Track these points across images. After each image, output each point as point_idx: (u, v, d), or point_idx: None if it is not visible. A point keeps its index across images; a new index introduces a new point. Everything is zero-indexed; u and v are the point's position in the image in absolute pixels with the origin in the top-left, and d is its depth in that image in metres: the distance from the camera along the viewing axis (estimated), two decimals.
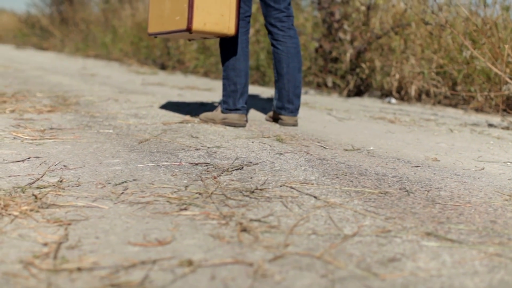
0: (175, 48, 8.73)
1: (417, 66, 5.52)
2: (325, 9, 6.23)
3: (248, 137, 3.24)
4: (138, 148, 2.87)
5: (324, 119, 4.15)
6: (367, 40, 5.83)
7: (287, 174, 2.41)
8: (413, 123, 4.10)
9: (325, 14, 6.26)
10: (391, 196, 2.13)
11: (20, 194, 2.03)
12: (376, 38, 5.79)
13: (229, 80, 3.56)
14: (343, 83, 6.08)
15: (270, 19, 3.65)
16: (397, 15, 6.08)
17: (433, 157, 2.90)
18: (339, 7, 6.15)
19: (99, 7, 12.66)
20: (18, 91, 5.07)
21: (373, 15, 6.09)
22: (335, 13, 6.13)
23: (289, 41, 3.64)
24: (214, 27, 3.29)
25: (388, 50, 5.87)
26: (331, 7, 6.15)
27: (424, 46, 5.64)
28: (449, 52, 5.38)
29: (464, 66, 4.97)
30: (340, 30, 6.07)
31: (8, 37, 17.29)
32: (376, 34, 5.80)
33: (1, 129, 3.26)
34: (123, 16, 10.83)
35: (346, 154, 2.89)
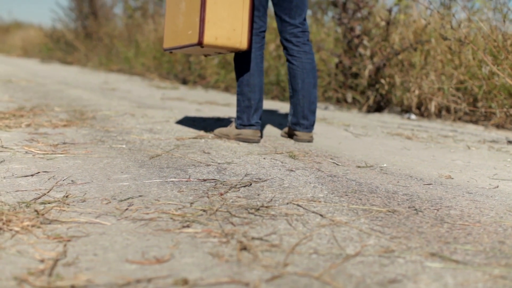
0: (197, 63, 8.74)
1: (437, 82, 5.46)
2: (345, 25, 6.20)
3: (261, 153, 3.22)
4: (148, 163, 2.85)
5: (341, 135, 4.12)
6: (386, 56, 5.79)
7: (295, 191, 2.38)
8: (430, 139, 4.05)
9: (345, 30, 6.23)
10: (399, 214, 2.09)
11: (24, 209, 2.02)
12: (395, 54, 5.75)
13: (243, 96, 3.55)
14: (363, 99, 6.04)
15: (285, 35, 3.64)
16: (418, 30, 6.04)
17: (447, 175, 2.85)
18: (359, 22, 6.12)
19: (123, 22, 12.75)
20: (37, 105, 5.10)
21: (393, 30, 6.05)
22: (355, 28, 6.10)
23: (304, 57, 3.63)
24: (226, 41, 3.27)
25: (409, 66, 5.82)
26: (351, 22, 6.12)
27: (444, 62, 5.59)
28: (470, 68, 5.33)
29: (484, 82, 4.91)
30: (360, 45, 6.04)
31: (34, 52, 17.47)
32: (395, 50, 5.76)
33: (15, 143, 3.27)
34: (146, 31, 10.89)
35: (358, 171, 2.86)
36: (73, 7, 14.71)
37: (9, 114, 4.38)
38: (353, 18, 6.14)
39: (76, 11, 14.64)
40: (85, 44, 13.67)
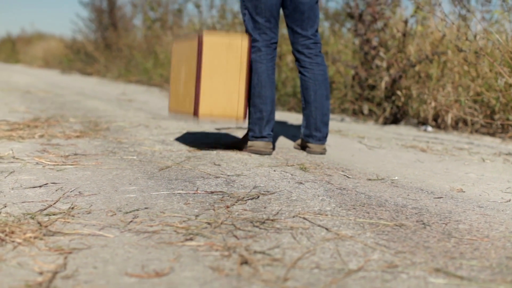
0: None
1: (453, 94, 5.42)
2: (361, 36, 6.18)
3: (271, 165, 3.20)
4: (157, 175, 2.85)
5: (354, 147, 4.09)
6: (402, 68, 5.76)
7: (303, 204, 2.36)
8: (445, 152, 4.01)
9: (362, 41, 6.21)
10: (406, 228, 2.06)
11: (28, 221, 2.02)
12: (411, 66, 5.71)
13: (255, 108, 3.54)
14: (379, 111, 6.00)
15: (297, 46, 3.65)
16: (435, 41, 6.00)
17: (459, 188, 2.82)
18: (376, 34, 6.10)
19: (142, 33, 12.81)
20: (53, 116, 5.12)
21: (409, 42, 6.01)
22: (371, 40, 6.07)
23: (316, 68, 3.62)
24: (222, 112, 3.34)
25: (425, 77, 5.78)
26: (367, 34, 6.10)
27: (461, 74, 5.54)
28: (487, 79, 5.28)
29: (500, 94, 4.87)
30: (376, 57, 6.01)
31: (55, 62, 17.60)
32: (411, 61, 5.72)
33: (27, 154, 3.28)
34: (165, 42, 10.93)
35: (369, 184, 2.83)
36: (93, 18, 14.82)
37: (24, 124, 4.40)
38: (369, 29, 6.12)
39: (96, 22, 14.75)
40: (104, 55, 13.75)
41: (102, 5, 14.63)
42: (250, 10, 3.53)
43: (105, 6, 14.58)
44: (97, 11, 14.68)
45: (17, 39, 26.15)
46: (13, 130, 4.10)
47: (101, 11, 14.62)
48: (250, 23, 3.56)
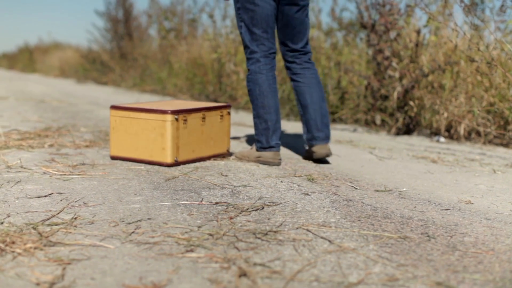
0: (228, 84, 8.76)
1: (466, 105, 5.38)
2: (374, 46, 6.16)
3: (279, 176, 3.18)
4: (163, 185, 2.84)
5: (365, 158, 4.06)
6: (415, 78, 5.72)
7: (307, 216, 2.34)
8: (456, 163, 3.97)
9: (375, 51, 6.18)
10: (410, 241, 2.04)
11: (30, 231, 2.02)
12: (423, 76, 5.68)
13: (260, 118, 3.54)
14: (392, 121, 5.97)
15: (288, 58, 3.71)
16: (448, 51, 5.96)
17: (467, 200, 2.79)
18: (389, 44, 6.07)
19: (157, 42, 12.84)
20: (64, 125, 5.13)
21: (422, 52, 5.98)
22: (384, 50, 6.05)
23: (307, 72, 3.66)
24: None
25: (438, 88, 5.75)
26: (380, 44, 6.07)
27: (474, 84, 5.50)
28: (500, 90, 5.24)
29: None
30: (389, 67, 5.98)
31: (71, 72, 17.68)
32: (423, 71, 5.69)
33: (35, 163, 3.29)
34: (179, 52, 10.95)
35: (376, 195, 2.81)
36: (108, 28, 14.87)
37: (35, 134, 4.41)
38: (382, 39, 6.09)
39: (111, 32, 14.80)
40: (120, 65, 13.80)
41: (118, 15, 14.68)
42: (247, 22, 3.54)
43: (121, 16, 14.63)
44: (112, 20, 14.74)
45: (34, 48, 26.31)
46: (24, 140, 4.11)
47: (117, 21, 14.68)
48: (247, 35, 3.57)
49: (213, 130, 3.64)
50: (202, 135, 3.56)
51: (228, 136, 3.76)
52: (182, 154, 3.40)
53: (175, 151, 3.36)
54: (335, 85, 6.80)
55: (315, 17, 8.54)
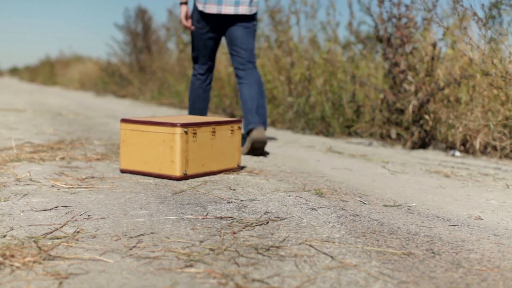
0: None
1: (482, 118, 5.33)
2: (390, 60, 6.13)
3: (287, 190, 3.16)
4: (170, 199, 2.83)
5: (377, 172, 4.03)
6: (430, 91, 5.69)
7: (311, 231, 2.32)
8: (469, 177, 3.92)
9: (390, 65, 6.15)
10: (414, 257, 2.01)
11: (31, 244, 2.02)
12: (439, 90, 5.64)
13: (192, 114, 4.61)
14: (407, 135, 5.93)
15: (237, 65, 4.50)
16: (464, 65, 5.92)
17: (477, 215, 2.75)
18: (405, 57, 6.04)
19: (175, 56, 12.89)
20: (78, 138, 5.15)
21: (438, 65, 5.94)
22: (400, 63, 6.01)
23: (250, 75, 4.43)
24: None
25: (454, 101, 5.70)
26: (396, 57, 6.05)
27: (490, 98, 5.45)
28: None
29: None
30: (405, 81, 5.95)
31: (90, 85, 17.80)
32: (438, 85, 5.65)
33: (44, 176, 3.30)
34: None
35: (384, 210, 2.78)
36: (128, 41, 14.96)
37: (47, 147, 4.43)
38: (397, 53, 6.06)
39: (130, 45, 14.89)
40: (138, 78, 13.87)
41: (137, 28, 14.78)
42: (194, 45, 4.57)
43: (140, 29, 14.72)
44: (132, 34, 14.84)
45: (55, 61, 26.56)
46: (36, 152, 4.13)
47: (136, 34, 14.77)
48: (193, 53, 4.62)
49: (223, 144, 3.63)
50: (212, 149, 3.55)
51: (238, 151, 3.75)
52: (191, 167, 3.39)
53: (184, 164, 3.35)
54: (350, 98, 6.77)
55: (331, 30, 8.53)
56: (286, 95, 7.65)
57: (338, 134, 6.64)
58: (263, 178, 3.52)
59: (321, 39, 8.82)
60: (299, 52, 8.03)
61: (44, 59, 29.10)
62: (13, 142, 4.66)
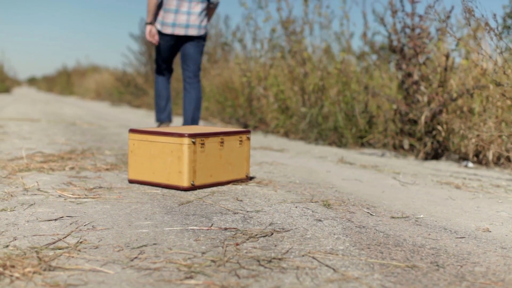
0: (257, 108, 8.76)
1: (495, 129, 5.28)
2: (403, 70, 6.10)
3: (295, 201, 3.15)
4: (176, 210, 2.82)
5: (387, 183, 4.00)
6: (443, 102, 5.65)
7: (315, 243, 2.30)
8: (480, 189, 3.89)
9: (404, 75, 6.12)
10: (417, 270, 1.98)
11: (33, 255, 2.01)
12: (451, 100, 5.60)
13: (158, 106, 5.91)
14: (420, 146, 5.89)
15: (185, 77, 5.66)
16: (478, 75, 5.88)
17: (485, 227, 2.72)
18: (418, 68, 6.01)
19: None
20: (89, 148, 5.16)
21: (451, 76, 5.91)
22: (413, 74, 5.99)
23: (193, 90, 5.62)
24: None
25: (468, 112, 5.66)
26: (409, 67, 6.02)
27: (504, 109, 5.41)
28: None
29: None
30: (417, 91, 5.92)
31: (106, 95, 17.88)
32: (451, 95, 5.62)
33: (52, 186, 3.30)
34: (211, 76, 11.00)
35: (391, 222, 2.75)
36: (143, 51, 15.02)
37: (58, 156, 4.44)
38: (410, 63, 6.04)
39: (146, 55, 14.94)
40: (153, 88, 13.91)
41: None
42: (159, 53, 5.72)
43: None
44: (147, 44, 14.88)
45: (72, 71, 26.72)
46: (46, 162, 4.14)
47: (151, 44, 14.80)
48: (158, 58, 5.78)
49: (232, 155, 3.62)
50: (220, 160, 3.54)
51: (247, 161, 3.74)
52: (199, 178, 3.39)
53: (192, 175, 3.34)
54: (362, 109, 6.75)
55: (345, 41, 8.52)
56: (299, 106, 7.64)
57: (351, 145, 6.61)
58: (272, 189, 3.50)
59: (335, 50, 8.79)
60: (313, 63, 8.02)
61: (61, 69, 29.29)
62: (24, 151, 4.68)
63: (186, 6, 5.42)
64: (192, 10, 5.46)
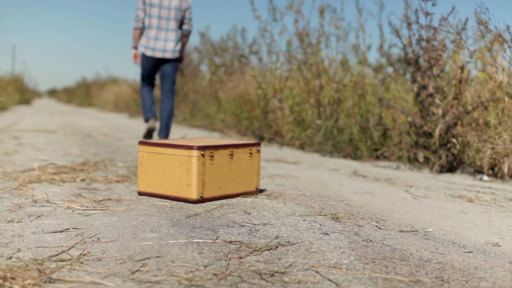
0: (273, 120, 8.74)
1: (510, 142, 5.23)
2: (418, 82, 6.07)
3: (303, 214, 3.13)
4: (182, 222, 2.81)
5: (399, 196, 3.97)
6: (457, 115, 5.61)
7: (320, 257, 2.28)
8: (493, 202, 3.84)
9: (419, 88, 6.09)
10: (421, 285, 1.96)
11: (34, 267, 2.01)
12: (466, 113, 5.56)
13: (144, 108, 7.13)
14: (435, 158, 5.84)
15: (162, 91, 7.11)
16: (494, 88, 5.83)
17: (495, 242, 2.68)
18: (433, 80, 5.97)
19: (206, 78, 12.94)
20: (102, 160, 5.17)
21: (466, 88, 5.87)
22: (428, 86, 5.95)
23: (167, 102, 7.09)
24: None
25: (483, 125, 5.61)
26: (424, 80, 5.98)
27: None
28: None
29: None
30: (432, 104, 5.88)
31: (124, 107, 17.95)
32: (466, 108, 5.58)
33: (61, 198, 3.31)
34: (228, 88, 11.01)
35: (399, 235, 2.72)
36: None
37: (70, 168, 4.45)
38: (425, 75, 6.00)
39: None
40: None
41: None
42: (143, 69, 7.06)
43: None
44: None
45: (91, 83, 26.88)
46: (57, 174, 4.15)
47: None
48: (143, 74, 7.11)
49: (242, 167, 3.61)
50: (230, 172, 3.53)
51: (257, 174, 3.73)
52: (208, 190, 3.38)
53: (201, 187, 3.34)
54: (376, 121, 6.72)
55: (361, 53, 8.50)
56: (315, 118, 7.62)
57: (366, 157, 6.58)
58: (281, 201, 3.49)
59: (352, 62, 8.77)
60: (328, 75, 8.01)
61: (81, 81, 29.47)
62: (36, 163, 4.70)
63: (163, 34, 6.83)
64: (168, 38, 6.86)
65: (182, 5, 6.86)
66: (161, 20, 6.80)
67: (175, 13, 6.83)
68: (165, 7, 6.81)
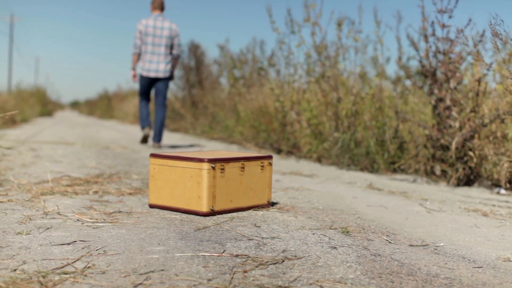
0: (291, 133, 8.73)
1: None
2: (435, 95, 6.03)
3: (313, 227, 3.11)
4: (191, 235, 2.81)
5: (413, 210, 3.94)
6: (474, 128, 5.56)
7: (325, 271, 2.26)
8: (508, 216, 3.80)
9: (436, 100, 6.05)
10: None
11: (38, 279, 2.01)
12: (483, 126, 5.51)
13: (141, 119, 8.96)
14: (452, 171, 5.80)
15: (155, 103, 8.75)
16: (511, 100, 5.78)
17: (506, 257, 2.64)
18: (450, 92, 5.93)
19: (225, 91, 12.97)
20: (117, 172, 5.19)
21: (483, 101, 5.82)
22: (445, 99, 5.91)
23: (160, 112, 8.83)
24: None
25: (501, 138, 5.56)
26: (441, 92, 5.95)
27: None
28: None
29: None
30: (450, 117, 5.84)
31: None
32: (483, 121, 5.53)
33: (72, 210, 3.32)
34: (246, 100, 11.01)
35: (409, 250, 2.69)
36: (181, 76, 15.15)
37: (84, 180, 4.47)
38: (442, 88, 5.96)
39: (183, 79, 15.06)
40: (191, 112, 13.99)
41: (190, 63, 14.95)
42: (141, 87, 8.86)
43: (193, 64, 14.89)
44: (185, 68, 15.02)
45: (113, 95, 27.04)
46: (71, 186, 4.17)
47: (189, 69, 14.95)
48: (141, 91, 8.89)
49: (253, 180, 3.60)
50: (241, 185, 3.52)
51: (269, 187, 3.72)
52: (218, 203, 3.37)
53: (211, 200, 3.33)
54: (393, 134, 6.68)
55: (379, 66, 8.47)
56: (332, 131, 7.59)
57: (383, 170, 6.54)
58: (292, 215, 3.47)
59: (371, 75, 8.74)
60: (346, 87, 7.98)
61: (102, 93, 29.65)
62: (50, 175, 4.72)
63: (156, 58, 8.70)
64: (160, 61, 8.73)
65: (172, 34, 8.75)
66: (155, 46, 8.69)
67: (166, 41, 8.71)
68: (157, 36, 8.69)
